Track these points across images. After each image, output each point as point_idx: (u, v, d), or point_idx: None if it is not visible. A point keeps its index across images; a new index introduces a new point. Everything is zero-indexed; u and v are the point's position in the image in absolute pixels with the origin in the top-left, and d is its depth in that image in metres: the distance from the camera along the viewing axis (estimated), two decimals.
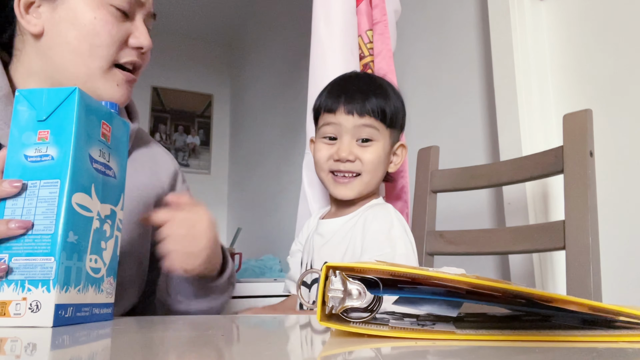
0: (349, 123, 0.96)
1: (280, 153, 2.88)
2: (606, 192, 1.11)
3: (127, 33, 0.76)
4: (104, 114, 0.53)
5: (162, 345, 0.41)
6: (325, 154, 0.99)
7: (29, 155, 0.48)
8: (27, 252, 0.46)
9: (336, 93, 1.00)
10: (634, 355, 0.33)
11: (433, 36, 1.68)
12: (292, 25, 2.77)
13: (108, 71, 0.75)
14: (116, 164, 0.56)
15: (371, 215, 0.97)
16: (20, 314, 0.45)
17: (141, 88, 3.69)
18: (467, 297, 0.41)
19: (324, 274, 0.40)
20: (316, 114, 1.04)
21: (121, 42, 0.75)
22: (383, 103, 0.98)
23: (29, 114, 0.49)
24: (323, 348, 0.39)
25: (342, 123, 0.96)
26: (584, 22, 1.28)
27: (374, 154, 0.98)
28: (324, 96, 1.02)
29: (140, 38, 0.77)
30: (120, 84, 0.77)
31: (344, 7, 1.26)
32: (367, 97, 0.97)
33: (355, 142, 0.97)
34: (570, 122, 0.96)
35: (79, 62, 0.73)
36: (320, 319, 0.39)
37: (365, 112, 0.96)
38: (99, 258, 0.51)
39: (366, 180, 0.98)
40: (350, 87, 1.00)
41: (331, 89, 1.03)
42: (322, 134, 1.00)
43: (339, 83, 1.05)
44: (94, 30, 0.72)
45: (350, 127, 0.96)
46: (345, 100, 0.97)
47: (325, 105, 1.00)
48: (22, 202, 0.47)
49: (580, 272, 0.89)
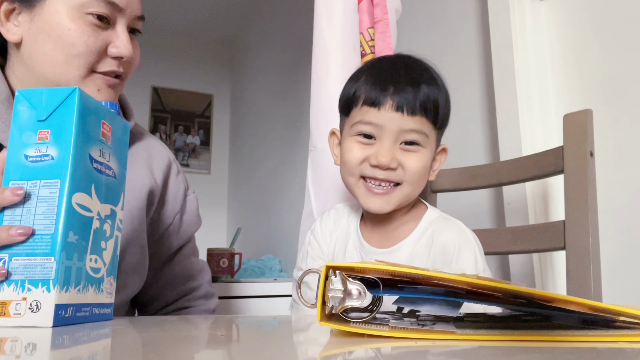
0: (395, 123, 0.78)
1: (280, 153, 2.88)
2: (606, 192, 1.11)
3: (106, 42, 0.75)
4: (104, 114, 0.53)
5: (162, 345, 0.41)
6: (358, 155, 0.80)
7: (29, 155, 0.48)
8: (27, 252, 0.46)
9: (383, 83, 0.80)
10: (634, 355, 0.33)
11: (433, 36, 1.68)
12: (292, 26, 2.77)
13: (87, 77, 0.74)
14: (116, 163, 0.56)
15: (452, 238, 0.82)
16: (21, 314, 0.45)
17: (141, 88, 3.69)
18: (467, 297, 0.41)
19: (324, 274, 0.40)
20: (349, 102, 0.83)
21: (99, 52, 0.74)
22: (436, 97, 0.80)
23: (29, 114, 0.49)
24: (323, 348, 0.39)
25: (386, 122, 0.78)
26: (584, 22, 1.28)
27: (420, 162, 0.80)
28: (365, 83, 0.82)
29: (120, 47, 0.75)
30: (102, 89, 0.76)
31: (346, 4, 1.27)
32: (419, 90, 0.79)
33: (398, 145, 0.79)
34: (570, 122, 0.96)
35: (57, 72, 0.73)
36: (320, 319, 0.39)
37: (418, 110, 0.78)
38: (99, 258, 0.51)
39: (407, 192, 0.81)
40: (400, 77, 0.80)
41: (377, 74, 0.82)
42: (356, 130, 0.81)
43: (384, 69, 0.83)
44: (70, 41, 0.72)
45: (395, 128, 0.78)
46: (394, 93, 0.78)
47: (368, 96, 0.79)
48: (22, 201, 0.47)
49: (580, 272, 0.89)
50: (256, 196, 3.26)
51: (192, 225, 0.94)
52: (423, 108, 0.78)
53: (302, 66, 2.03)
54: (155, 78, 3.74)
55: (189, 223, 0.93)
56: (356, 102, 0.81)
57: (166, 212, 0.90)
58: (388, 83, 0.79)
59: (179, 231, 0.92)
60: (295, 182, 2.52)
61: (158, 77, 3.74)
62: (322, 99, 1.23)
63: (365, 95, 0.80)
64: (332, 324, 0.39)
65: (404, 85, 0.78)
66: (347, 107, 0.84)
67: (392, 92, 0.78)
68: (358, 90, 0.81)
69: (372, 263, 0.42)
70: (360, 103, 0.80)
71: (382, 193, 0.80)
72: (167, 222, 0.90)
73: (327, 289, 0.40)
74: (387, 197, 0.80)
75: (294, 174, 2.57)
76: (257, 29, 3.46)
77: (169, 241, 0.90)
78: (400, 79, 0.80)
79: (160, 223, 0.88)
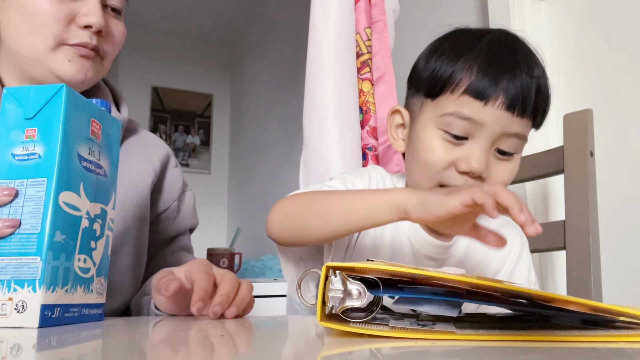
0: (499, 125, 0.63)
1: (280, 153, 2.87)
2: (606, 192, 1.10)
3: (73, 12, 0.73)
4: (94, 112, 0.53)
5: (157, 346, 0.40)
6: (444, 158, 0.65)
7: (16, 154, 0.47)
8: (13, 251, 0.45)
9: (497, 71, 0.63)
10: (634, 355, 0.32)
11: (432, 36, 1.67)
12: (292, 26, 2.77)
13: (56, 49, 0.73)
14: (107, 162, 0.55)
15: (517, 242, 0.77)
16: (6, 314, 0.44)
17: (141, 88, 3.69)
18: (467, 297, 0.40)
19: (324, 274, 0.39)
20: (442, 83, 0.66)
21: (66, 21, 0.72)
22: (548, 94, 0.67)
23: (17, 112, 0.48)
24: (323, 348, 0.38)
25: (491, 121, 0.63)
26: (584, 22, 1.27)
27: (512, 173, 0.67)
28: (471, 67, 0.64)
29: (89, 15, 0.73)
30: (72, 60, 0.74)
31: (342, 3, 1.26)
32: (538, 86, 0.65)
33: (493, 152, 0.66)
34: (571, 122, 0.96)
35: (26, 45, 0.73)
36: (320, 319, 0.39)
37: (529, 110, 0.64)
38: (88, 258, 0.50)
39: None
40: (519, 65, 0.64)
41: (489, 58, 0.64)
42: (446, 124, 0.65)
43: (499, 52, 0.65)
44: (34, 10, 0.71)
45: (497, 132, 0.63)
46: (509, 86, 0.63)
47: (475, 85, 0.63)
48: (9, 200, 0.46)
49: (580, 272, 0.88)
50: (256, 196, 3.26)
51: (189, 219, 0.93)
52: (535, 109, 0.65)
53: (302, 66, 2.03)
54: (155, 78, 3.74)
55: (185, 215, 0.92)
56: (453, 87, 0.64)
57: (163, 197, 0.89)
58: (504, 72, 0.63)
59: (175, 220, 0.90)
60: (295, 181, 2.51)
61: (158, 77, 3.74)
62: (315, 97, 1.22)
63: (470, 82, 0.63)
64: (332, 324, 0.39)
65: (523, 79, 0.63)
66: (437, 88, 0.66)
67: (506, 85, 0.63)
68: (460, 72, 0.64)
69: (372, 263, 0.41)
70: (460, 90, 0.64)
71: None
72: (163, 207, 0.89)
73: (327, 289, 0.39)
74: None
75: (294, 173, 2.56)
76: (257, 29, 3.45)
77: (163, 226, 0.89)
78: (519, 67, 0.64)
79: (154, 208, 0.87)
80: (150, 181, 0.85)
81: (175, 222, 0.91)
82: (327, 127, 1.20)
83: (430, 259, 0.73)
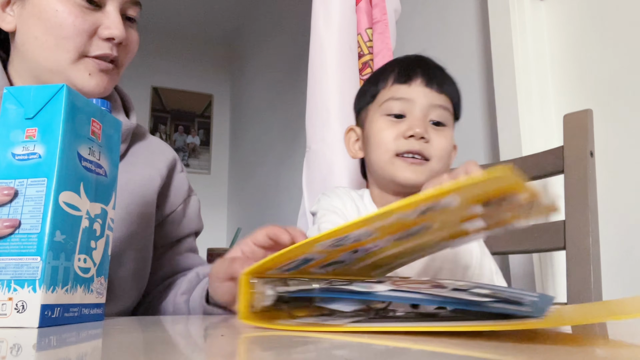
0: (425, 99, 0.82)
1: (280, 153, 2.87)
2: (606, 192, 1.10)
3: (96, 23, 0.73)
4: (94, 112, 0.53)
5: (157, 346, 0.40)
6: (392, 132, 0.82)
7: (16, 154, 0.47)
8: (13, 251, 0.45)
9: (410, 64, 0.86)
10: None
11: (433, 36, 1.67)
12: (292, 25, 2.77)
13: (78, 61, 0.73)
14: (107, 162, 0.55)
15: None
16: (6, 314, 0.44)
17: (141, 88, 3.69)
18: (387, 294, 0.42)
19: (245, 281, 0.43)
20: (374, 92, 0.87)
21: (89, 33, 0.73)
22: (457, 91, 0.87)
23: (17, 111, 0.48)
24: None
25: (416, 98, 0.82)
26: (584, 22, 1.27)
27: (447, 140, 0.83)
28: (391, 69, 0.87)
29: (111, 28, 0.74)
30: (93, 73, 0.74)
31: (343, 4, 1.26)
32: (445, 76, 0.85)
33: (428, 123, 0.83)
34: (571, 122, 0.96)
35: (48, 56, 0.73)
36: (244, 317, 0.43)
37: (444, 90, 0.84)
38: (88, 258, 0.50)
39: (435, 168, 0.81)
40: (427, 62, 0.87)
41: (400, 62, 0.89)
42: (385, 109, 0.84)
43: (410, 57, 0.90)
44: (58, 22, 0.71)
45: (425, 104, 0.82)
46: (423, 72, 0.84)
47: (397, 76, 0.84)
48: (9, 200, 0.46)
49: (580, 272, 0.88)
50: (256, 196, 3.26)
51: (194, 222, 0.93)
52: (448, 90, 0.84)
53: (302, 66, 2.02)
54: (155, 78, 3.74)
55: (191, 218, 0.93)
56: (385, 84, 0.85)
57: (168, 201, 0.89)
58: (416, 65, 0.85)
59: (180, 223, 0.91)
60: (295, 182, 2.51)
61: (158, 77, 3.74)
62: (317, 99, 1.23)
63: (394, 76, 0.84)
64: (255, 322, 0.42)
65: (432, 68, 0.85)
66: (375, 90, 0.87)
67: (421, 71, 0.83)
68: (385, 76, 0.86)
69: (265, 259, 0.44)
70: (389, 84, 0.85)
71: (418, 163, 0.80)
72: (168, 211, 0.89)
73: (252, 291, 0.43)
74: (421, 169, 0.80)
75: (294, 174, 2.57)
76: (257, 29, 3.45)
77: (168, 230, 0.89)
78: (428, 63, 0.86)
79: (159, 211, 0.87)
80: (156, 186, 0.85)
81: (181, 226, 0.91)
82: (329, 130, 1.20)
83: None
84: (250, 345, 0.39)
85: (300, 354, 0.32)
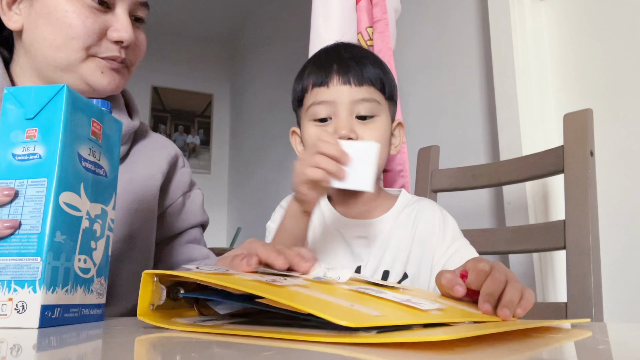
0: (346, 96, 0.81)
1: (280, 153, 2.87)
2: (606, 192, 1.10)
3: (105, 25, 0.74)
4: (94, 112, 0.53)
5: (158, 346, 0.40)
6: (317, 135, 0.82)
7: (16, 154, 0.47)
8: (13, 252, 0.45)
9: (325, 63, 0.85)
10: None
11: (433, 35, 1.67)
12: (292, 25, 2.77)
13: (87, 60, 0.73)
14: (107, 162, 0.55)
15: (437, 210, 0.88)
16: (7, 314, 0.44)
17: (141, 88, 3.69)
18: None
19: (148, 280, 0.47)
20: (300, 95, 0.88)
21: (98, 34, 0.73)
22: (380, 71, 0.85)
23: (17, 112, 0.48)
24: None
25: (337, 98, 0.82)
26: (584, 22, 1.27)
27: (378, 131, 0.83)
28: (309, 71, 0.86)
29: (121, 31, 0.74)
30: (105, 71, 0.75)
31: (344, 3, 1.26)
32: (362, 64, 0.84)
33: (355, 119, 0.82)
34: (571, 122, 0.96)
35: (57, 56, 0.73)
36: (142, 314, 0.46)
37: (364, 80, 0.82)
38: (88, 258, 0.50)
39: None
40: (341, 55, 0.86)
41: (316, 60, 0.88)
42: (311, 114, 0.84)
43: (325, 52, 0.89)
44: (67, 22, 0.71)
45: (347, 102, 0.81)
46: (339, 69, 0.83)
47: (315, 79, 0.84)
48: (9, 201, 0.46)
49: (580, 272, 0.88)
50: (256, 196, 3.26)
51: (196, 214, 0.93)
52: (369, 78, 0.83)
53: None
54: (155, 78, 3.74)
55: (192, 210, 0.92)
56: (307, 89, 0.86)
57: (168, 195, 0.89)
58: (331, 62, 0.84)
59: (179, 215, 0.90)
60: None
61: (158, 77, 3.74)
62: None
63: (313, 79, 0.84)
64: (151, 320, 0.45)
65: (347, 61, 0.83)
66: (300, 97, 0.88)
67: (337, 69, 0.83)
68: (305, 79, 0.86)
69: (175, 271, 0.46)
70: (310, 88, 0.85)
71: None
72: (167, 204, 0.89)
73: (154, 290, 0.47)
74: None
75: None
76: (257, 28, 3.45)
77: (168, 222, 0.89)
78: (342, 56, 0.85)
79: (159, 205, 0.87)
80: (157, 185, 0.85)
81: (180, 218, 0.90)
82: None
83: (361, 237, 0.86)
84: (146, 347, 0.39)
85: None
